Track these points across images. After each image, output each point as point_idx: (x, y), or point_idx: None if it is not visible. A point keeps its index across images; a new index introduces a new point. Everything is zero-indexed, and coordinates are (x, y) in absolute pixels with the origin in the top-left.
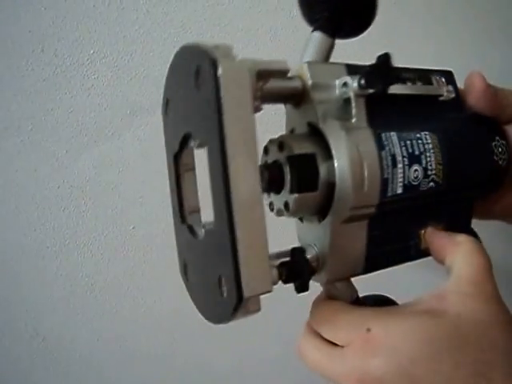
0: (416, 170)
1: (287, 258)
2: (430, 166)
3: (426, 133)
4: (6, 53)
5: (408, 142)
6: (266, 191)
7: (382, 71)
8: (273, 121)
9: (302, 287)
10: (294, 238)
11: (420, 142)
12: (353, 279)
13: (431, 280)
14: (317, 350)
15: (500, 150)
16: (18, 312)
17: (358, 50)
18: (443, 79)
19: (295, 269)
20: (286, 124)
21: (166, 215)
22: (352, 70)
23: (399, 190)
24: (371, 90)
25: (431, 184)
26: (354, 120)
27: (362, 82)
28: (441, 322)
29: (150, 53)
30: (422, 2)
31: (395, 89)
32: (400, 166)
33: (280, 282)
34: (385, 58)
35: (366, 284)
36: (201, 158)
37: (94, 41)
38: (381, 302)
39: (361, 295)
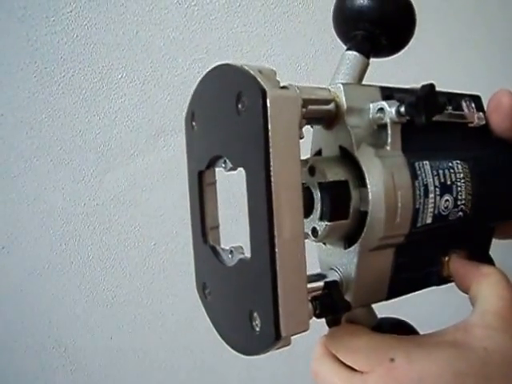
0: (447, 201)
1: (319, 291)
2: (461, 195)
3: (458, 162)
4: (39, 77)
5: (440, 172)
6: None
7: (427, 103)
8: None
9: (334, 322)
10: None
11: (452, 171)
12: None
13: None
14: (335, 373)
15: None
16: (41, 324)
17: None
18: (473, 105)
19: (330, 305)
20: (312, 144)
21: (186, 232)
22: (386, 93)
23: (429, 220)
24: (409, 118)
25: (460, 214)
26: (388, 147)
27: (402, 109)
28: (467, 355)
29: (174, 77)
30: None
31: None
32: (432, 195)
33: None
34: (430, 89)
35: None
36: (222, 173)
37: (122, 66)
38: (398, 326)
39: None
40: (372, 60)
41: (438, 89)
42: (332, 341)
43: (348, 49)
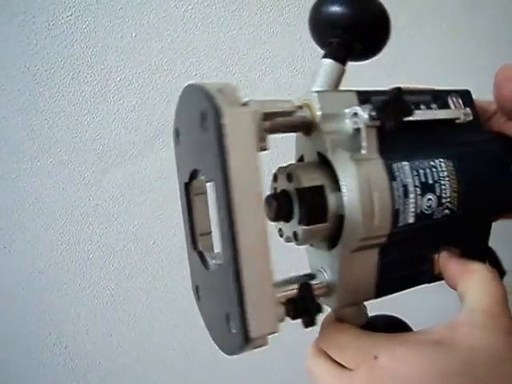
0: (429, 199)
1: (295, 291)
2: (445, 194)
3: (441, 160)
4: (40, 80)
5: (421, 171)
6: (275, 220)
7: (394, 106)
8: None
9: (309, 323)
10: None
11: (434, 170)
12: None
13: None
14: (326, 371)
15: None
16: (42, 321)
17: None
18: (460, 100)
19: (303, 307)
20: (295, 151)
21: (183, 232)
22: (363, 97)
23: (411, 220)
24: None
25: (446, 212)
26: (364, 151)
27: (373, 113)
28: (451, 354)
29: (172, 80)
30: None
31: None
32: (412, 195)
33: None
34: (396, 93)
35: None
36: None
37: (121, 69)
38: (391, 324)
39: (371, 314)
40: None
41: (422, 86)
42: (323, 339)
43: (324, 56)
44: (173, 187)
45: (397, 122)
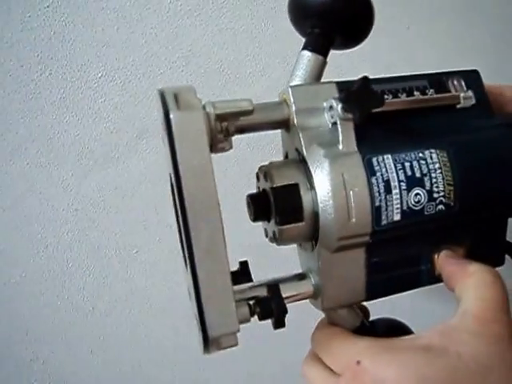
0: (417, 194)
1: (263, 294)
2: (437, 187)
3: (432, 151)
4: (15, 76)
5: (407, 164)
6: (254, 220)
7: (358, 98)
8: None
9: (277, 324)
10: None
11: (423, 162)
12: None
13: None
14: (318, 375)
15: None
16: (18, 335)
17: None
18: (463, 82)
19: (268, 307)
20: (282, 148)
21: (169, 239)
22: (343, 88)
23: (397, 217)
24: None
25: (440, 207)
26: (340, 146)
27: (345, 105)
28: (438, 360)
29: (157, 76)
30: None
31: (390, 105)
32: (396, 191)
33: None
34: (361, 83)
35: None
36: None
37: (102, 64)
38: (392, 328)
39: (376, 316)
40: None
41: (419, 72)
42: (315, 343)
43: (304, 47)
44: (157, 191)
45: (363, 115)
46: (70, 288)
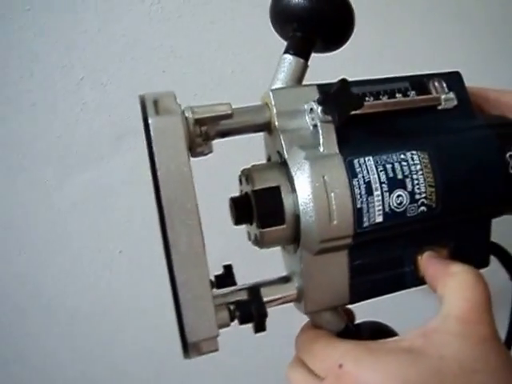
0: (399, 196)
1: (243, 297)
2: (419, 189)
3: (414, 152)
4: None
5: (388, 166)
6: (236, 224)
7: (337, 101)
8: None
9: (257, 328)
10: None
11: (405, 163)
12: None
13: None
14: (302, 379)
15: None
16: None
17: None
18: (444, 84)
19: (247, 311)
20: (265, 151)
21: (153, 240)
22: (323, 90)
23: (379, 219)
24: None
25: (422, 208)
26: (321, 148)
27: (324, 108)
28: (420, 362)
29: (138, 78)
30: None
31: (372, 107)
32: (377, 193)
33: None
34: (340, 86)
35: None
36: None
37: (83, 66)
38: (376, 331)
39: (361, 319)
40: None
41: (398, 74)
42: (298, 346)
43: (285, 51)
44: (140, 191)
45: (342, 117)
46: (51, 291)
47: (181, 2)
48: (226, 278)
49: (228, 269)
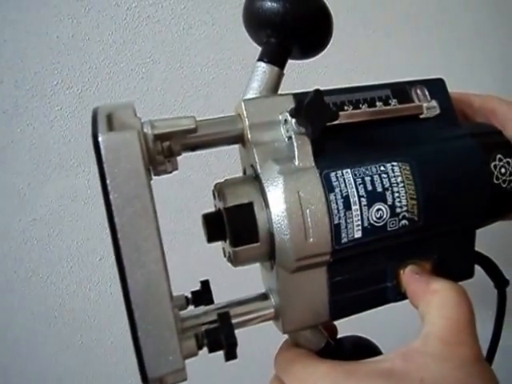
0: (379, 210)
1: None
2: (399, 202)
3: (394, 163)
4: None
5: (367, 178)
6: (209, 241)
7: (310, 112)
8: None
9: (228, 357)
10: None
11: (385, 175)
12: None
13: None
14: None
15: (503, 170)
16: None
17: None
18: (426, 92)
19: (216, 339)
20: (241, 164)
21: None
22: (301, 100)
23: (358, 235)
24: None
25: (403, 222)
26: (296, 161)
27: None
28: None
29: (116, 84)
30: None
31: (351, 116)
32: (356, 207)
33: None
34: (313, 96)
35: None
36: None
37: (57, 72)
38: (359, 347)
39: (345, 334)
40: None
41: (381, 82)
42: (276, 366)
43: (259, 58)
44: None
45: (316, 129)
46: (31, 298)
47: (158, 7)
48: (203, 294)
49: (205, 285)
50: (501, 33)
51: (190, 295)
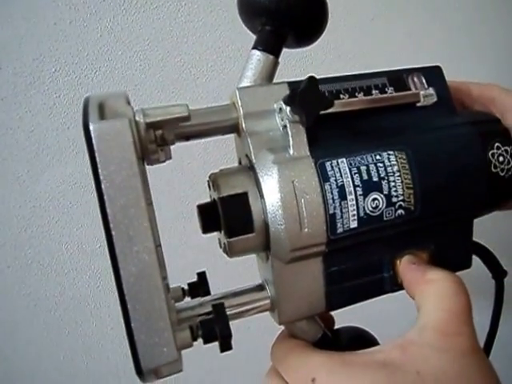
0: (375, 199)
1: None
2: (395, 192)
3: (390, 152)
4: None
5: (363, 168)
6: (204, 232)
7: (304, 100)
8: None
9: (223, 348)
10: None
11: (380, 164)
12: None
13: None
14: None
15: (501, 159)
16: None
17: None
18: (423, 79)
19: (211, 330)
20: (236, 154)
21: None
22: (296, 88)
23: (353, 225)
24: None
25: (400, 212)
26: (291, 150)
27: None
28: (396, 377)
29: (114, 70)
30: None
31: (347, 105)
32: (351, 197)
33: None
34: (308, 84)
35: None
36: None
37: (55, 59)
38: (356, 338)
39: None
40: None
41: (377, 70)
42: (273, 356)
43: (254, 47)
44: None
45: (310, 117)
46: (32, 285)
47: None
48: (199, 285)
49: (202, 276)
50: (506, 18)
51: (186, 287)
